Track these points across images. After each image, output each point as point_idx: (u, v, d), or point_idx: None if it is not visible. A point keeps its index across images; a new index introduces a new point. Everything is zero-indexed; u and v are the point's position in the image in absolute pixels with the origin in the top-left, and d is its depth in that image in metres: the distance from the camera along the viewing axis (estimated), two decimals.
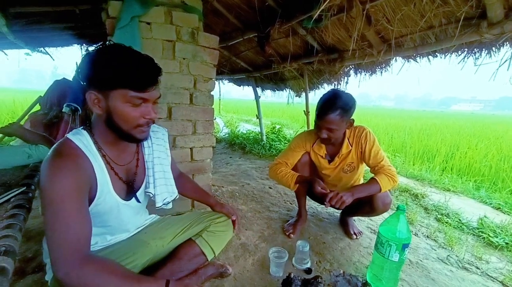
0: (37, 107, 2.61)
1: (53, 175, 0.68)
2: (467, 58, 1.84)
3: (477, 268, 1.43)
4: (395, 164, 3.72)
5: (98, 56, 0.73)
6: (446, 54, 1.91)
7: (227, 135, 5.19)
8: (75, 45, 3.48)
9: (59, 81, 2.68)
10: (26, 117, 2.48)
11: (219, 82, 6.19)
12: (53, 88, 2.63)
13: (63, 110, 2.52)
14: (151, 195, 0.95)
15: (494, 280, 1.34)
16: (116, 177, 0.85)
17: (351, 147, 1.46)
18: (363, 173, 1.67)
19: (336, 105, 1.28)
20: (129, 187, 0.91)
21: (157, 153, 0.99)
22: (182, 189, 1.15)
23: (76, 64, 2.75)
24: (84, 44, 3.50)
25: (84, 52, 3.44)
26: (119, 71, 0.71)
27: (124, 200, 0.88)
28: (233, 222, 1.18)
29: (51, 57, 3.60)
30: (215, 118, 4.86)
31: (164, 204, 0.98)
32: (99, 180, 0.79)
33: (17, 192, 1.09)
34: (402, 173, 3.36)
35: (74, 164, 0.73)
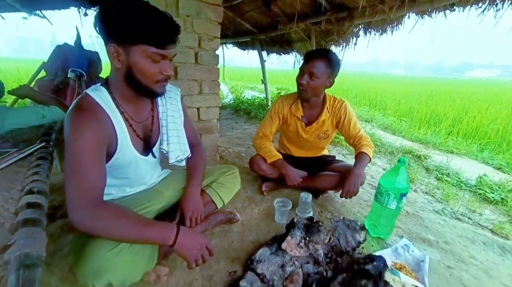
0: (43, 73, 2.62)
1: (76, 128, 0.72)
2: (487, 10, 1.74)
3: (470, 218, 1.53)
4: (401, 128, 3.71)
5: (121, 9, 0.70)
6: (465, 6, 1.80)
7: (232, 101, 5.17)
8: (73, 7, 3.34)
9: (61, 47, 2.65)
10: (33, 83, 2.51)
11: (222, 47, 5.99)
12: (56, 54, 2.62)
13: (68, 76, 2.53)
14: (165, 152, 0.98)
15: (484, 228, 1.44)
16: (134, 133, 0.89)
17: (329, 114, 1.52)
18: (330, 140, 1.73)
19: (325, 55, 1.36)
20: (146, 143, 0.95)
21: (171, 111, 1.01)
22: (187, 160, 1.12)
23: (76, 28, 2.70)
24: (82, 7, 3.36)
25: (83, 16, 3.32)
26: (142, 27, 0.71)
27: (141, 155, 0.93)
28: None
29: (49, 21, 3.50)
30: (219, 85, 4.79)
31: (177, 161, 1.02)
32: (119, 135, 0.83)
33: (38, 147, 1.17)
34: (407, 136, 3.38)
35: (96, 118, 0.76)
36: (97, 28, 0.75)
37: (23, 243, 0.58)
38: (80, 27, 2.72)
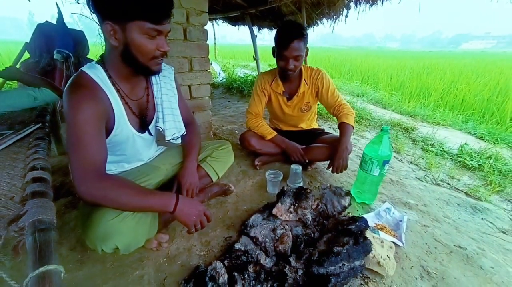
0: (26, 55, 2.53)
1: (75, 103, 0.75)
2: None
3: (448, 184, 1.64)
4: (391, 102, 3.77)
5: None
6: None
7: (224, 80, 5.10)
8: None
9: (43, 25, 2.55)
10: (18, 65, 2.44)
11: (212, 24, 5.77)
12: (38, 33, 2.53)
13: (55, 57, 2.47)
14: (161, 129, 1.02)
15: (460, 191, 1.56)
16: (130, 111, 0.92)
17: (307, 85, 1.55)
18: (316, 111, 1.80)
19: (299, 32, 1.33)
20: (142, 121, 0.98)
21: (165, 90, 1.03)
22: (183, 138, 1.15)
23: (57, 4, 2.57)
24: None
25: None
26: (138, 3, 0.71)
27: (138, 132, 0.97)
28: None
29: None
30: (211, 63, 4.68)
31: (173, 139, 1.05)
32: (116, 112, 0.86)
33: (34, 128, 1.20)
34: (397, 110, 3.45)
35: (93, 94, 0.79)
36: (90, 6, 0.75)
37: (35, 211, 0.64)
38: (61, 5, 2.59)
